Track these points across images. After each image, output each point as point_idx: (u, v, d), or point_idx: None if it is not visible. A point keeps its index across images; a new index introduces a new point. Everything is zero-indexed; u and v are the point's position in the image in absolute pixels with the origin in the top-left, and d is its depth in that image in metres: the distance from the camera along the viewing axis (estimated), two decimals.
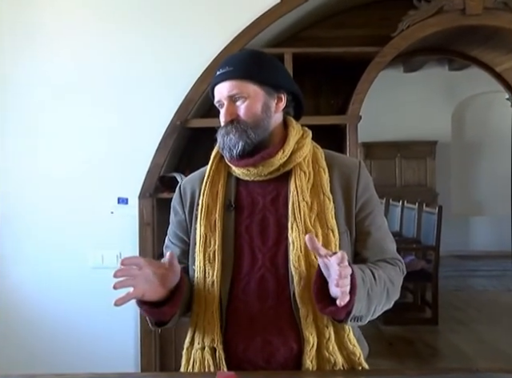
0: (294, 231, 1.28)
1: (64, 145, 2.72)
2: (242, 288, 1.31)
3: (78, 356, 2.63)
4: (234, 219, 1.34)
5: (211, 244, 1.32)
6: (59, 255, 2.71)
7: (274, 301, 1.28)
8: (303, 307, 1.25)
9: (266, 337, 1.27)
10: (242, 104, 1.32)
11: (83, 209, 2.70)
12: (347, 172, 1.36)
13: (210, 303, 1.30)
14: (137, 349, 2.69)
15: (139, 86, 2.68)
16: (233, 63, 1.34)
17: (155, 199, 2.69)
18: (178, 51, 2.66)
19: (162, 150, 2.65)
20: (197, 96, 2.64)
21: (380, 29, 2.92)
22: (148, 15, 2.66)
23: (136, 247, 2.66)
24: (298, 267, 1.26)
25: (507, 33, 2.62)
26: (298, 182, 1.31)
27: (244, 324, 1.29)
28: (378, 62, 2.60)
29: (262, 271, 1.30)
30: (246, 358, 1.28)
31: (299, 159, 1.33)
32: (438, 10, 2.57)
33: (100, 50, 2.68)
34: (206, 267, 1.32)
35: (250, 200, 1.35)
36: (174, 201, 1.46)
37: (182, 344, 2.70)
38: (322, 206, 1.30)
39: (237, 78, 1.32)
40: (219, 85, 1.34)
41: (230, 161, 1.36)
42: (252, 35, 2.63)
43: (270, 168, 1.33)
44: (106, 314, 2.70)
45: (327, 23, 3.03)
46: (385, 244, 1.37)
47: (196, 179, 1.44)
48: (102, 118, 2.70)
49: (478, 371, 1.27)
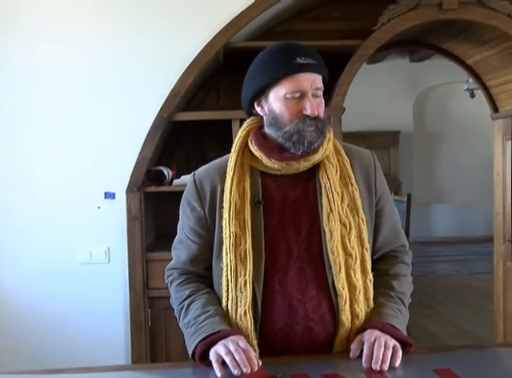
0: (330, 221, 1.31)
1: (50, 140, 2.68)
2: (279, 281, 1.32)
3: (68, 351, 2.62)
4: (264, 214, 1.34)
5: (242, 243, 1.32)
6: (47, 252, 2.68)
7: (314, 290, 1.31)
8: (342, 292, 1.30)
9: (307, 324, 1.30)
10: (320, 101, 1.31)
11: (70, 204, 2.68)
12: (366, 163, 1.41)
13: (242, 302, 1.31)
14: (127, 342, 2.69)
15: (125, 80, 2.66)
16: (313, 56, 1.31)
17: (143, 192, 2.68)
18: (163, 45, 2.65)
19: (149, 143, 2.65)
20: (183, 89, 2.65)
21: (354, 22, 3.01)
22: (134, 10, 2.64)
23: (124, 242, 2.65)
24: (336, 256, 1.30)
25: (480, 27, 2.73)
26: (330, 174, 1.34)
27: (283, 315, 1.31)
28: (360, 55, 2.66)
29: (298, 262, 1.32)
30: (286, 343, 1.31)
31: (327, 152, 1.36)
32: (417, 4, 2.64)
33: (86, 45, 2.65)
34: (238, 267, 1.31)
35: (279, 194, 1.35)
36: (190, 196, 1.42)
37: (172, 337, 2.75)
38: (351, 196, 1.34)
39: (319, 73, 1.31)
40: (305, 74, 1.29)
41: (270, 155, 1.33)
42: (237, 28, 2.65)
43: (309, 162, 1.34)
44: (95, 309, 2.71)
45: (303, 17, 3.07)
46: (396, 232, 1.45)
47: (214, 174, 1.40)
48: (88, 112, 2.68)
49: (482, 347, 1.36)
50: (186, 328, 1.35)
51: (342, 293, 1.30)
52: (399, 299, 1.37)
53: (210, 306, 1.34)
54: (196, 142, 3.07)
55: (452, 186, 8.32)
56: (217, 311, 1.33)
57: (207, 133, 3.07)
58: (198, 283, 1.41)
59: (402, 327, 1.31)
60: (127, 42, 2.65)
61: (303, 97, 1.29)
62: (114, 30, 2.65)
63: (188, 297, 1.38)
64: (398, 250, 1.45)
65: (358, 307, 1.31)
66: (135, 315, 2.66)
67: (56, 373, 1.27)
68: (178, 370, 1.28)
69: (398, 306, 1.35)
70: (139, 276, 2.65)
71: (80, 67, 2.66)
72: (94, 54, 2.66)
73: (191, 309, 1.35)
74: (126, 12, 2.64)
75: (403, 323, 1.34)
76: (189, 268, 1.43)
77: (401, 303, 1.37)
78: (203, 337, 1.26)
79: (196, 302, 1.36)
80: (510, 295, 3.24)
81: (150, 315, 2.68)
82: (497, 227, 3.38)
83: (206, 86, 3.04)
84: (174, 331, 2.70)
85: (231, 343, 1.22)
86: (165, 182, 2.74)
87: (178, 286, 1.42)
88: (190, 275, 1.43)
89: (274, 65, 1.31)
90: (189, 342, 1.31)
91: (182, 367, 1.30)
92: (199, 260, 1.42)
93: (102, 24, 2.64)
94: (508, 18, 2.65)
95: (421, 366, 1.23)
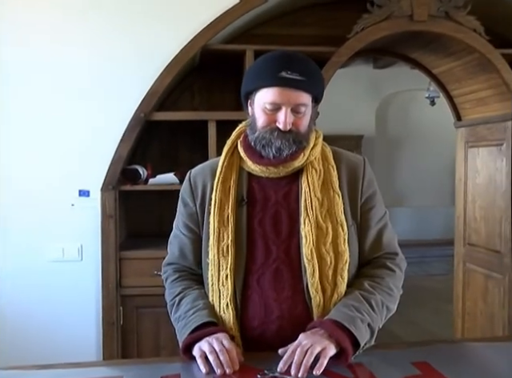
0: (306, 226, 1.35)
1: (24, 137, 2.66)
2: (257, 279, 1.37)
3: (40, 350, 2.58)
4: (247, 214, 1.39)
5: (224, 238, 1.37)
6: (19, 249, 2.65)
7: (289, 291, 1.35)
8: (316, 296, 1.33)
9: (281, 324, 1.35)
10: (300, 116, 1.34)
11: (43, 202, 2.66)
12: (353, 169, 1.44)
13: (224, 295, 1.35)
14: (99, 341, 2.69)
15: (102, 78, 2.66)
16: (304, 72, 1.31)
17: (118, 191, 2.69)
18: (141, 45, 2.66)
19: (126, 142, 2.65)
20: (161, 89, 2.66)
21: (328, 28, 3.08)
22: (113, 10, 2.64)
23: (98, 240, 2.65)
24: (310, 260, 1.33)
25: (447, 39, 2.86)
26: (310, 179, 1.37)
27: (260, 312, 1.36)
28: (334, 62, 2.74)
29: (276, 262, 1.37)
30: (262, 340, 1.35)
31: (312, 158, 1.39)
32: (389, 15, 2.74)
33: (64, 43, 2.64)
34: (220, 261, 1.37)
35: (262, 195, 1.40)
36: (184, 193, 1.49)
37: (143, 335, 2.75)
38: (331, 201, 1.37)
39: (305, 90, 1.32)
40: (287, 90, 1.31)
41: (251, 157, 1.38)
42: (216, 31, 2.69)
43: (288, 169, 1.38)
44: (66, 307, 2.70)
45: (279, 22, 3.12)
46: (383, 238, 1.45)
47: (207, 173, 1.46)
48: (64, 110, 2.66)
49: (454, 341, 1.44)
50: (176, 323, 1.39)
51: (316, 297, 1.33)
52: (363, 297, 1.34)
53: (200, 300, 1.39)
54: (169, 142, 3.08)
55: (411, 190, 8.57)
56: (206, 305, 1.38)
57: (180, 133, 3.09)
58: (191, 280, 1.47)
59: (352, 325, 1.25)
60: (105, 42, 2.65)
61: (279, 110, 1.32)
62: (92, 30, 2.64)
63: (179, 293, 1.43)
64: (384, 256, 1.45)
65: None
66: (107, 313, 2.66)
67: (46, 368, 1.28)
68: (168, 364, 1.32)
69: (358, 304, 1.31)
70: (112, 274, 2.65)
71: (57, 66, 2.64)
72: (71, 52, 2.64)
73: (182, 304, 1.40)
74: (106, 11, 2.64)
75: (359, 321, 1.27)
76: (182, 263, 1.49)
77: (364, 302, 1.32)
78: (192, 329, 1.30)
79: (187, 297, 1.41)
80: (469, 295, 3.40)
81: (122, 313, 2.68)
82: (458, 231, 3.54)
83: (180, 87, 3.06)
84: (146, 329, 2.73)
85: (216, 342, 1.26)
86: (140, 181, 2.75)
87: (172, 282, 1.47)
88: (183, 273, 1.48)
89: (261, 73, 1.35)
90: (180, 335, 1.35)
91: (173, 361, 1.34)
92: (191, 254, 1.47)
93: (80, 23, 2.63)
94: (473, 32, 2.79)
95: (399, 360, 1.30)
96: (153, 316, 2.68)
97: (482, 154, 3.25)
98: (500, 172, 3.05)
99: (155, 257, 2.63)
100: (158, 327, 2.69)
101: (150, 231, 3.04)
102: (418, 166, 8.53)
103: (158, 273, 2.56)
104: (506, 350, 1.42)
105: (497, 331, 3.09)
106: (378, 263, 1.44)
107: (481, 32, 2.80)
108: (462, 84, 3.27)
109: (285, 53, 1.37)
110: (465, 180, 3.43)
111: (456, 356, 1.33)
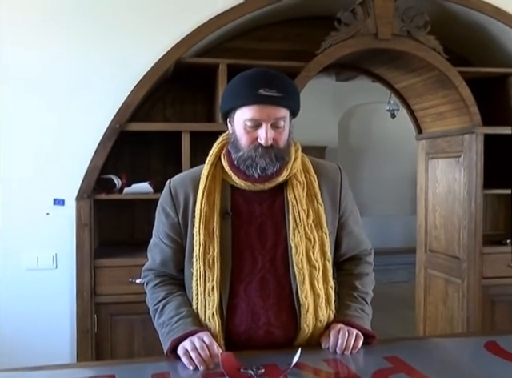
0: (296, 237, 1.43)
1: (0, 144, 2.67)
2: (244, 288, 1.44)
3: (14, 357, 2.57)
4: (232, 226, 1.45)
5: (210, 251, 1.42)
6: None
7: (275, 298, 1.44)
8: (305, 302, 1.43)
9: (268, 329, 1.44)
10: (280, 131, 1.40)
11: (18, 210, 2.68)
12: (332, 179, 1.53)
13: (210, 305, 1.42)
14: (72, 348, 2.71)
15: (78, 89, 2.70)
16: (281, 88, 1.38)
17: (92, 200, 2.73)
18: (117, 57, 2.73)
19: (101, 152, 2.70)
20: (135, 101, 2.73)
21: (296, 43, 3.22)
22: (90, 22, 2.70)
23: (73, 248, 2.68)
24: (301, 268, 1.43)
25: (409, 57, 3.02)
26: (296, 192, 1.45)
27: (247, 320, 1.44)
28: (304, 76, 2.87)
29: (262, 272, 1.44)
30: (248, 345, 1.44)
31: (294, 171, 1.46)
32: (355, 33, 2.89)
33: (41, 53, 2.68)
34: (206, 273, 1.42)
35: (247, 207, 1.46)
36: (165, 203, 1.52)
37: (117, 342, 2.78)
38: (316, 212, 1.46)
39: (284, 106, 1.39)
40: (265, 107, 1.37)
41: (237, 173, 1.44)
42: (190, 45, 2.77)
43: (273, 183, 1.44)
44: (41, 315, 2.71)
45: (249, 36, 3.24)
46: (360, 238, 1.61)
47: (188, 184, 1.50)
48: (40, 119, 2.69)
49: (423, 337, 1.58)
50: (161, 328, 1.46)
51: (305, 303, 1.43)
52: (362, 298, 1.54)
53: (183, 307, 1.47)
54: (141, 151, 3.14)
55: (373, 200, 8.79)
56: (189, 313, 1.45)
57: (152, 144, 3.15)
58: (172, 285, 1.53)
59: (364, 324, 1.49)
60: (82, 53, 2.70)
61: (260, 126, 1.38)
62: (68, 40, 2.69)
63: (163, 299, 1.49)
64: (361, 253, 1.62)
65: (320, 313, 1.46)
66: (82, 321, 2.69)
67: (37, 370, 1.33)
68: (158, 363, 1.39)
69: (361, 306, 1.52)
70: (87, 282, 2.68)
71: (33, 74, 2.67)
72: (49, 63, 2.68)
73: (165, 310, 1.47)
74: (82, 22, 2.69)
75: (366, 320, 1.52)
76: (163, 270, 1.55)
77: (364, 303, 1.54)
78: (177, 336, 1.38)
79: (170, 304, 1.48)
80: (431, 299, 3.56)
81: (96, 320, 2.72)
82: (419, 238, 3.70)
83: (153, 98, 3.12)
84: (120, 336, 2.76)
85: (197, 340, 1.35)
86: (114, 190, 2.80)
87: (154, 287, 1.53)
88: (165, 278, 1.54)
89: (239, 92, 1.41)
90: (164, 340, 1.43)
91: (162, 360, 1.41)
92: (172, 263, 1.53)
93: (57, 32, 2.68)
94: (433, 51, 2.96)
95: (373, 354, 1.42)
96: (127, 324, 2.73)
97: (441, 165, 3.43)
98: (458, 182, 3.23)
99: (129, 265, 2.69)
100: (131, 335, 2.74)
101: (122, 240, 3.09)
102: (380, 177, 8.78)
103: (133, 281, 2.65)
104: (464, 344, 1.58)
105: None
106: (360, 260, 1.62)
107: (440, 51, 2.97)
108: (422, 99, 3.45)
109: (262, 71, 1.44)
110: (426, 190, 3.60)
111: (422, 350, 1.46)
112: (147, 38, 2.76)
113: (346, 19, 2.89)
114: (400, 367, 1.32)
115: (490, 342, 1.49)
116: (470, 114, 3.09)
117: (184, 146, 2.81)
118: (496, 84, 3.33)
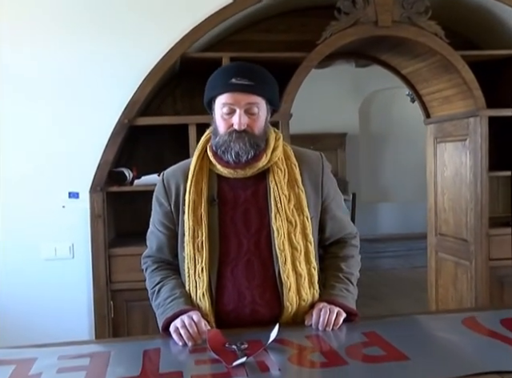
0: (277, 221, 1.52)
1: (16, 142, 2.83)
2: (231, 270, 1.55)
3: None
4: (218, 212, 1.55)
5: (199, 235, 1.53)
6: (13, 248, 2.82)
7: (260, 279, 1.54)
8: (287, 281, 1.52)
9: (254, 308, 1.54)
10: (254, 117, 1.50)
11: (36, 204, 2.83)
12: (314, 166, 1.61)
13: (200, 285, 1.54)
14: (91, 334, 2.86)
15: (89, 86, 2.84)
16: (252, 78, 1.49)
17: (105, 192, 2.86)
18: (124, 54, 2.84)
19: (111, 147, 2.83)
20: (142, 97, 2.84)
21: (300, 34, 3.27)
22: (97, 20, 2.82)
23: (88, 239, 2.82)
24: (283, 250, 1.52)
25: (411, 43, 3.05)
26: (277, 179, 1.54)
27: (234, 299, 1.55)
28: (305, 66, 2.93)
29: (248, 255, 1.55)
30: (236, 322, 1.55)
31: (275, 159, 1.55)
32: (355, 21, 2.94)
33: (52, 52, 2.81)
34: (196, 256, 1.54)
35: (232, 194, 1.56)
36: (158, 194, 1.64)
37: (133, 327, 2.92)
38: (297, 197, 1.55)
39: (256, 93, 1.49)
40: (237, 94, 1.48)
41: (220, 162, 1.53)
42: (193, 40, 2.87)
43: (253, 170, 1.54)
44: (59, 304, 2.86)
45: (254, 28, 3.31)
46: (344, 222, 1.69)
47: (179, 175, 1.62)
48: (53, 116, 2.84)
49: (402, 314, 1.67)
50: (157, 309, 1.59)
51: (287, 282, 1.52)
52: (347, 279, 1.62)
53: (177, 289, 1.59)
54: (154, 144, 3.26)
55: (395, 186, 8.74)
56: (182, 294, 1.57)
57: (164, 136, 3.27)
58: (168, 270, 1.66)
59: (348, 303, 1.56)
60: (92, 52, 2.83)
61: (234, 113, 1.49)
62: (79, 39, 2.82)
63: (159, 283, 1.62)
64: (346, 236, 1.70)
65: (303, 292, 1.55)
66: (99, 307, 2.84)
67: (42, 347, 1.45)
68: (150, 341, 1.52)
69: (345, 286, 1.60)
70: (102, 271, 2.83)
71: (48, 73, 2.82)
72: (61, 61, 2.82)
73: (161, 293, 1.60)
74: (87, 22, 2.81)
75: (351, 299, 1.59)
76: (160, 256, 1.68)
77: (348, 283, 1.62)
78: (170, 315, 1.51)
79: (165, 287, 1.60)
80: (442, 282, 3.60)
81: (112, 307, 2.86)
82: (430, 222, 3.74)
83: (163, 93, 3.23)
84: (135, 321, 2.90)
85: (186, 318, 1.47)
86: (126, 182, 2.93)
87: (152, 272, 1.67)
88: (161, 264, 1.67)
89: (216, 83, 1.54)
90: (159, 319, 1.56)
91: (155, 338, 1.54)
92: (167, 248, 1.65)
93: (66, 32, 2.81)
94: (435, 36, 2.98)
95: (352, 330, 1.50)
96: (141, 309, 2.85)
97: (448, 148, 3.45)
98: (464, 165, 3.25)
99: (142, 253, 2.81)
100: (146, 319, 2.87)
101: (137, 230, 3.21)
102: (401, 162, 8.71)
103: None
104: (443, 320, 1.63)
105: None
106: (345, 243, 1.69)
107: (441, 36, 2.99)
108: (428, 84, 3.47)
109: (236, 63, 1.59)
110: (434, 174, 3.63)
111: (401, 326, 1.54)
112: (152, 36, 2.86)
113: (346, 8, 2.94)
114: (374, 342, 1.39)
115: (469, 318, 1.55)
116: (474, 98, 3.10)
117: (191, 138, 2.91)
118: (503, 66, 3.33)
